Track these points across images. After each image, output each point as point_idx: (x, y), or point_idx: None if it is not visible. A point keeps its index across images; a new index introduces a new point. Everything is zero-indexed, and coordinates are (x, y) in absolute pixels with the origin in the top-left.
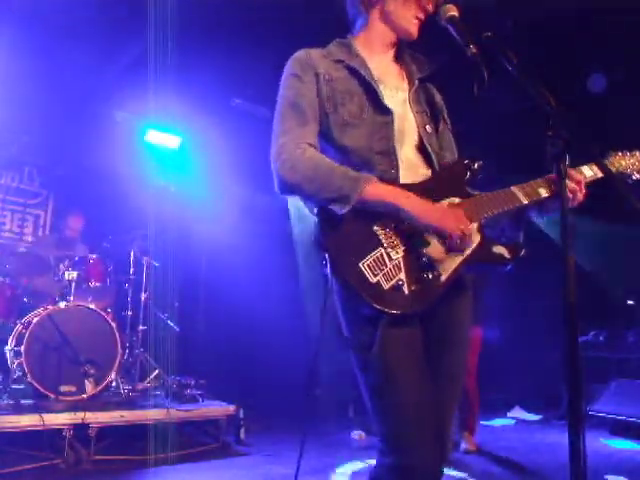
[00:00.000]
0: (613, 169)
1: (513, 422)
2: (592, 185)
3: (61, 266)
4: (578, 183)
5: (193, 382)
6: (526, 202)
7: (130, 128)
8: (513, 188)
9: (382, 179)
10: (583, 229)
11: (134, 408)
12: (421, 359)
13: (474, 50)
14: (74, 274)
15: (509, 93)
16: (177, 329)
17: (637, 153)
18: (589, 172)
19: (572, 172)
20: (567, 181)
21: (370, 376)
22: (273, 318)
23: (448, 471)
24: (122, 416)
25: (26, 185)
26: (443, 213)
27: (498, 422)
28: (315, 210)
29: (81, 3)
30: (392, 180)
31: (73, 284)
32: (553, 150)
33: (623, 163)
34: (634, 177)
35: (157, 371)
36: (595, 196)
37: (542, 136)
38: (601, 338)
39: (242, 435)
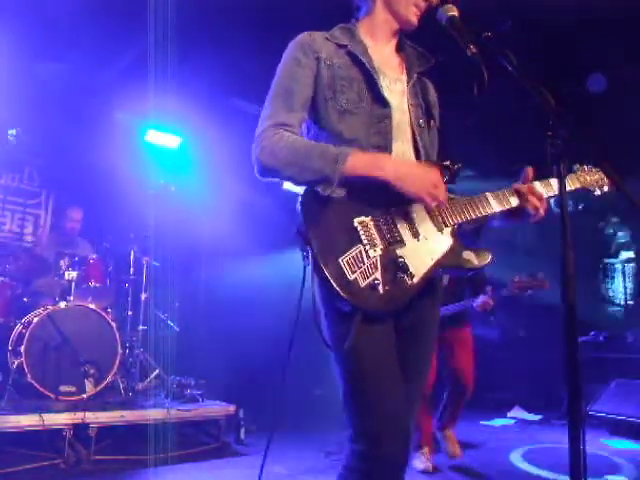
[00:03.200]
0: (579, 184)
1: (513, 422)
2: None
3: (61, 264)
4: (540, 199)
5: (193, 382)
6: (498, 210)
7: (130, 128)
8: (488, 195)
9: None
10: None
11: (134, 408)
12: (392, 355)
13: (474, 50)
14: (74, 274)
15: (509, 93)
16: (177, 329)
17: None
18: (548, 189)
19: (535, 186)
20: (529, 197)
21: (343, 370)
22: (273, 318)
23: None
24: (122, 416)
25: (26, 185)
26: (422, 183)
27: (498, 422)
28: (299, 199)
29: (81, 3)
30: None
31: (73, 284)
32: (553, 151)
33: (588, 179)
34: (597, 193)
35: (157, 371)
36: None
37: (542, 136)
38: (601, 338)
39: (242, 435)
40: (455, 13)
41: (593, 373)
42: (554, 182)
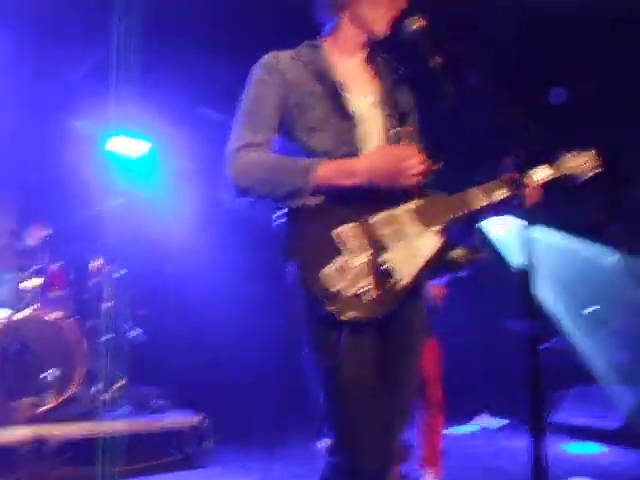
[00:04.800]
0: (566, 170)
1: (479, 428)
2: None
3: (22, 275)
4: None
5: (158, 392)
6: (486, 203)
7: (94, 135)
8: (474, 189)
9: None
10: None
11: (97, 420)
12: (376, 366)
13: (439, 62)
14: (35, 282)
15: (472, 104)
16: (142, 338)
17: (589, 152)
18: (541, 174)
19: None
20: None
21: (325, 382)
22: (242, 326)
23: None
24: (84, 428)
25: None
26: (395, 170)
27: (464, 429)
28: (278, 215)
29: (42, 7)
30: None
31: (34, 293)
32: (516, 161)
33: (573, 164)
34: (584, 178)
35: (121, 381)
36: None
37: (505, 147)
38: (563, 345)
39: (208, 446)
40: (421, 25)
41: (555, 379)
42: (535, 171)
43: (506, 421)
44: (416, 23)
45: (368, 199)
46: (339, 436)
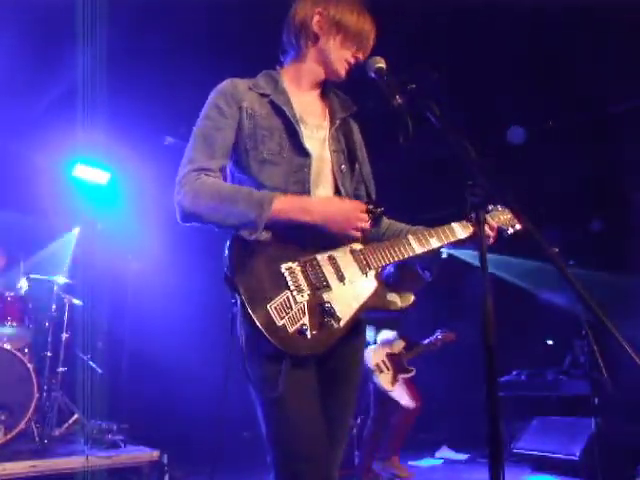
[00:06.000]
0: (494, 224)
1: (441, 462)
2: None
3: None
4: (492, 228)
5: (115, 427)
6: (419, 252)
7: (57, 163)
8: (410, 237)
9: None
10: None
11: (48, 457)
12: (316, 397)
13: (400, 101)
14: None
15: (430, 142)
16: (100, 371)
17: (508, 210)
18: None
19: (488, 219)
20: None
21: (267, 415)
22: (200, 359)
23: None
24: (33, 466)
25: None
26: (347, 220)
27: (426, 462)
28: (227, 244)
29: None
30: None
31: None
32: (473, 199)
33: (502, 218)
34: (509, 231)
35: (76, 415)
36: None
37: (462, 185)
38: (523, 377)
39: None
40: (383, 65)
41: (516, 411)
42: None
43: (467, 455)
44: (377, 64)
45: (312, 238)
46: (280, 468)
